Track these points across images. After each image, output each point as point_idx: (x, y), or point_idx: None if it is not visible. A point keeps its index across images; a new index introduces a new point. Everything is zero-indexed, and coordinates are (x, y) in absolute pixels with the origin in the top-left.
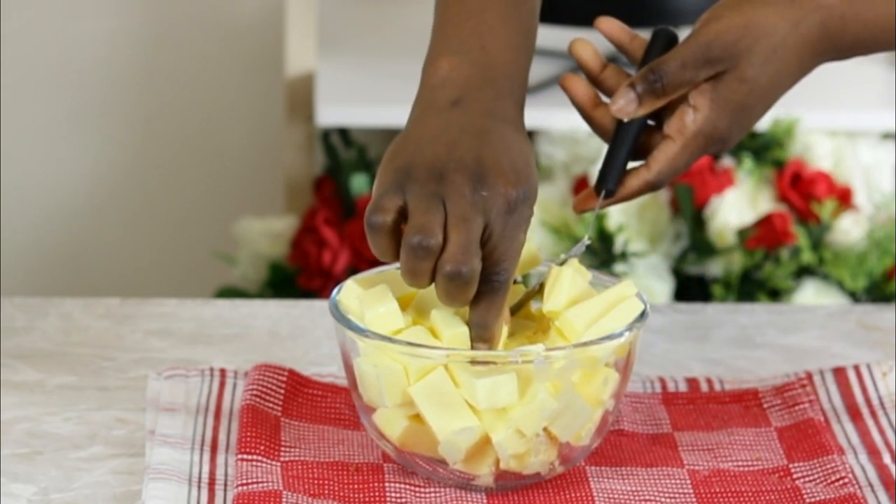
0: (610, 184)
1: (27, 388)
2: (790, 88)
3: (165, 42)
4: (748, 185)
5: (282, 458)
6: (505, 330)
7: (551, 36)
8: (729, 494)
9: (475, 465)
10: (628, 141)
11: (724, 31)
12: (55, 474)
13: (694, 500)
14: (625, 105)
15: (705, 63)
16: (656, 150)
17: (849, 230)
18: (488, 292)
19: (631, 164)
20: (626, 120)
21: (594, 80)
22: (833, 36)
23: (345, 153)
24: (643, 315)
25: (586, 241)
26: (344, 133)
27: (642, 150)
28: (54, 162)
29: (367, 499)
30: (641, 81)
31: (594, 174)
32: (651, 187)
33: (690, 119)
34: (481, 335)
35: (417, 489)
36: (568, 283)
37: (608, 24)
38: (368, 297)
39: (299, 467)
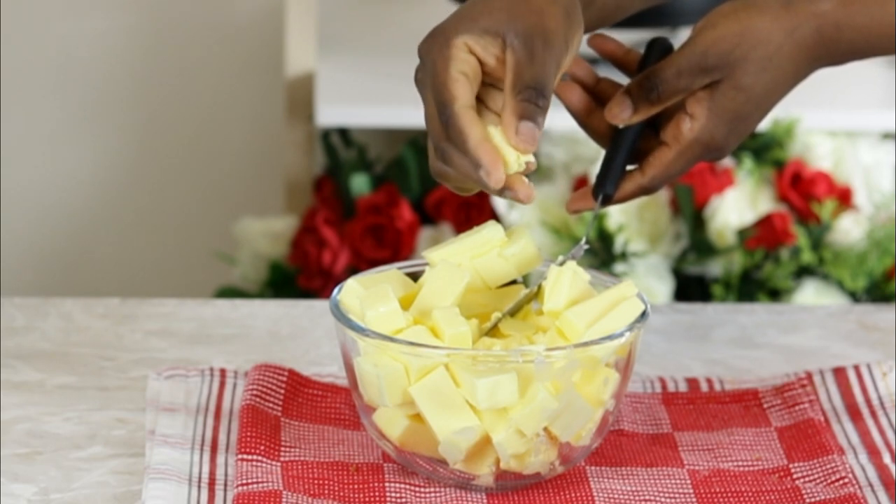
0: (608, 188)
1: (27, 388)
2: (786, 95)
3: (165, 42)
4: (748, 185)
5: (282, 458)
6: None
7: None
8: (729, 494)
9: (475, 465)
10: (625, 146)
11: (719, 40)
12: (55, 474)
13: (694, 500)
14: (620, 112)
15: (701, 71)
16: (651, 156)
17: (849, 230)
18: None
19: (627, 167)
20: (621, 126)
21: (591, 92)
22: (828, 43)
23: (345, 153)
24: (644, 315)
25: (584, 245)
26: (344, 133)
27: (640, 155)
28: (54, 162)
29: (367, 499)
30: (637, 88)
31: (594, 174)
32: (645, 191)
33: (687, 127)
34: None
35: (417, 489)
36: (568, 283)
37: (601, 41)
38: (369, 297)
39: (299, 467)
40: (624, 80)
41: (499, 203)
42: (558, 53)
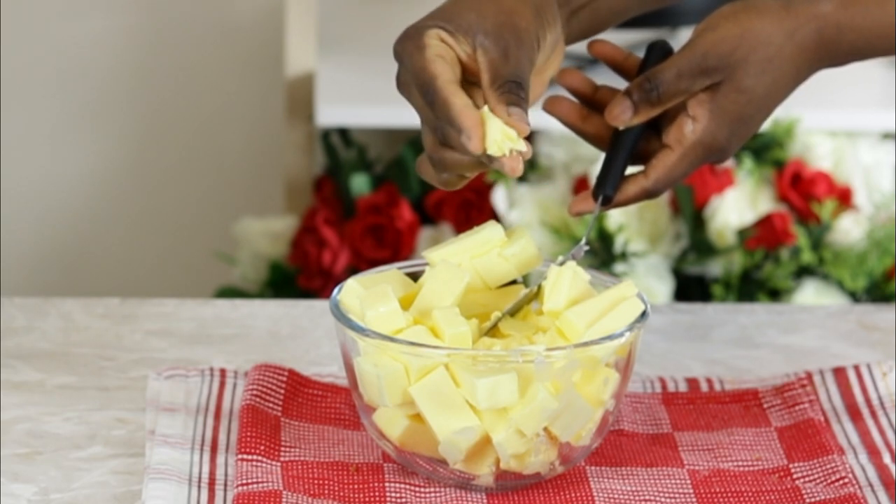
0: (608, 190)
1: (27, 388)
2: (787, 97)
3: (165, 42)
4: (748, 185)
5: (282, 458)
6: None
7: None
8: (729, 494)
9: (475, 465)
10: (626, 148)
11: (719, 42)
12: (55, 474)
13: (694, 500)
14: (620, 113)
15: (701, 73)
16: (655, 159)
17: (849, 230)
18: None
19: (630, 170)
20: (621, 128)
21: (590, 102)
22: (829, 44)
23: (345, 153)
24: (644, 315)
25: (584, 246)
26: (344, 133)
27: (642, 157)
28: (54, 162)
29: (367, 499)
30: (637, 90)
31: (594, 175)
32: (648, 195)
33: (689, 129)
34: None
35: (417, 489)
36: (568, 283)
37: (600, 46)
38: (369, 297)
39: (299, 467)
40: (623, 86)
41: (499, 203)
42: (530, 51)
